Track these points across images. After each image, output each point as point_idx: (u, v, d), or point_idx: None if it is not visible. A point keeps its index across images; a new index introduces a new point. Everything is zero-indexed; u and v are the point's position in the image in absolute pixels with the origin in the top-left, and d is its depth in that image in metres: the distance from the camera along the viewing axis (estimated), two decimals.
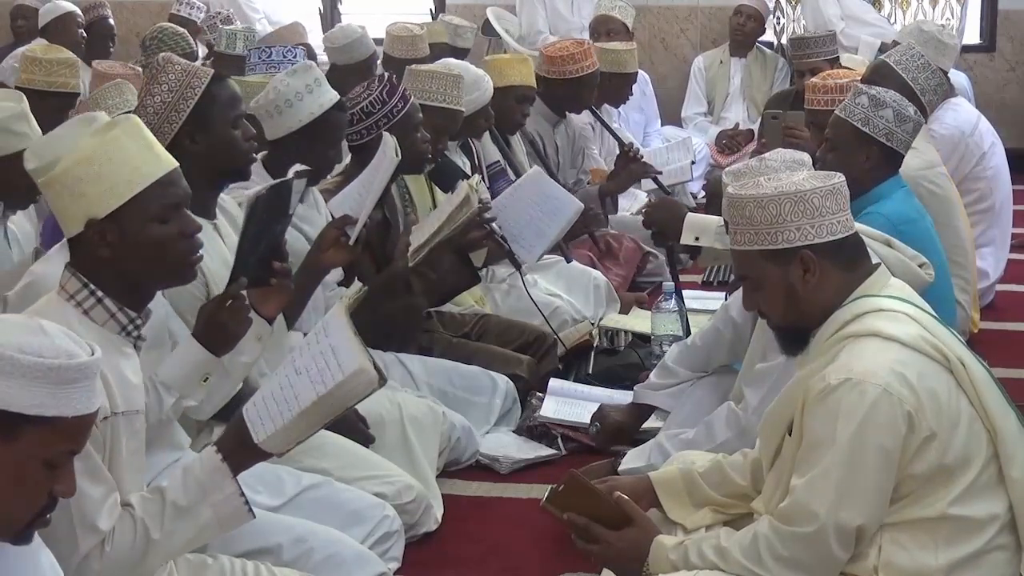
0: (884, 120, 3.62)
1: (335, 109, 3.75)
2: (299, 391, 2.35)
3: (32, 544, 1.97)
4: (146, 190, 2.44)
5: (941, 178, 4.36)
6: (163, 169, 2.49)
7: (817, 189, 2.47)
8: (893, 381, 2.37)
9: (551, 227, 4.41)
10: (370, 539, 3.09)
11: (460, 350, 4.28)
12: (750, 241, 2.50)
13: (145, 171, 2.46)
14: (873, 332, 2.43)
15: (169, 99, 3.15)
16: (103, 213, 2.41)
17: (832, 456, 2.38)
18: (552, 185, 4.56)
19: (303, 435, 2.40)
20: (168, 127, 3.12)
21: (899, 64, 4.33)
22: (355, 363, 2.30)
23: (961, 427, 2.41)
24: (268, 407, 2.40)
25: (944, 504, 2.41)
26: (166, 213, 2.47)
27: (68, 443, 1.90)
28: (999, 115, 7.61)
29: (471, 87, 4.89)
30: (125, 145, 2.45)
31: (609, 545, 2.67)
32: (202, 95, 3.16)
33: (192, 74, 3.19)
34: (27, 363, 1.83)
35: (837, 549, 2.40)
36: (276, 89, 3.71)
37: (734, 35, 8.22)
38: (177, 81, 3.16)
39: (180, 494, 2.42)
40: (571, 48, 5.86)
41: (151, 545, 2.39)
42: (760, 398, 3.26)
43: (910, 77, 4.29)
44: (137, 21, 9.39)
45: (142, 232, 2.44)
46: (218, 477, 2.42)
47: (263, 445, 2.39)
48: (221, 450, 2.44)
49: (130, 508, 2.40)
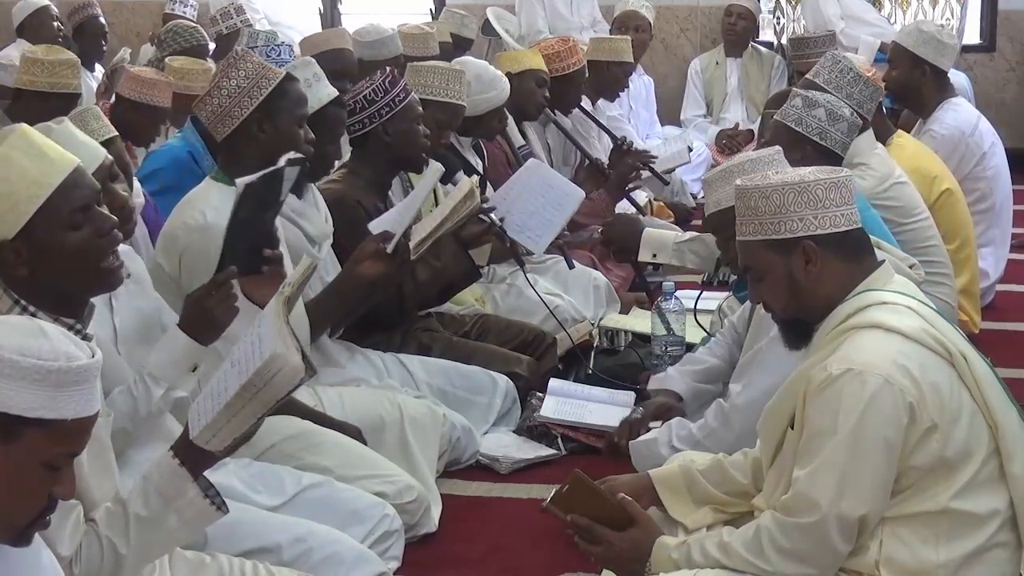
0: (816, 119, 3.76)
1: (333, 104, 3.75)
2: (228, 383, 2.27)
3: (32, 544, 1.96)
4: (49, 200, 2.37)
5: (893, 189, 4.31)
6: (63, 173, 2.41)
7: (821, 180, 2.49)
8: (895, 372, 2.37)
9: (556, 217, 4.42)
10: (370, 538, 3.08)
11: (460, 350, 4.28)
12: (754, 231, 2.52)
13: (44, 181, 2.38)
14: (875, 324, 2.44)
15: (245, 85, 3.33)
16: (11, 233, 2.36)
17: (833, 447, 2.38)
18: (553, 175, 4.57)
19: (237, 431, 2.31)
20: (239, 111, 3.31)
21: (829, 84, 4.26)
22: (271, 348, 2.19)
23: (962, 420, 2.42)
24: (204, 403, 2.33)
25: (945, 498, 2.41)
26: (76, 218, 2.41)
27: (68, 445, 1.90)
28: (999, 115, 7.61)
29: (488, 85, 4.93)
30: (16, 160, 2.38)
31: (611, 545, 2.67)
32: (275, 88, 3.34)
33: (267, 68, 3.38)
34: (27, 365, 1.82)
35: (839, 540, 2.40)
36: None
37: (726, 35, 8.26)
38: (253, 71, 3.34)
39: (141, 505, 2.36)
40: (557, 46, 5.89)
41: (120, 560, 2.35)
42: (741, 385, 3.28)
43: (844, 95, 4.24)
44: (137, 21, 9.39)
45: (55, 243, 2.38)
46: (178, 482, 2.37)
47: (196, 441, 2.32)
48: (177, 454, 2.38)
49: (94, 525, 2.35)
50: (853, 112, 3.78)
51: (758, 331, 3.37)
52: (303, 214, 3.69)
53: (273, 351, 2.19)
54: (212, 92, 3.35)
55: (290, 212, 3.62)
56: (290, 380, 2.22)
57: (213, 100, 3.35)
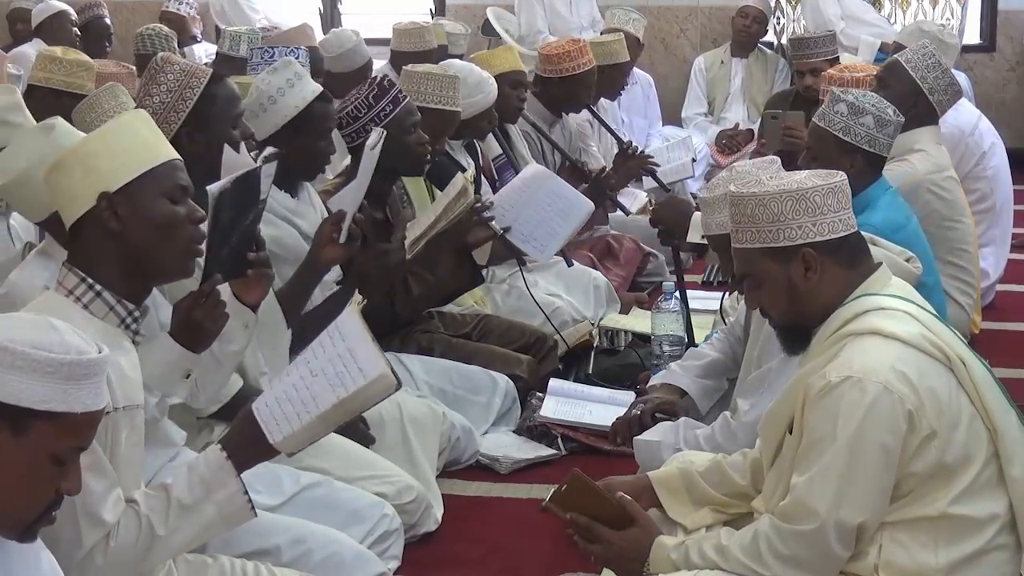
0: (864, 127, 3.63)
1: (318, 100, 3.69)
2: (317, 393, 2.35)
3: (34, 544, 1.97)
4: (159, 167, 2.46)
5: (948, 182, 4.36)
6: (174, 155, 2.52)
7: (819, 187, 2.47)
8: (894, 379, 2.37)
9: (563, 227, 4.41)
10: (369, 538, 3.08)
11: (460, 350, 4.28)
12: (752, 239, 2.50)
13: (157, 150, 2.49)
14: (874, 330, 2.43)
15: (168, 99, 3.19)
16: (117, 185, 2.42)
17: (832, 454, 2.38)
18: (562, 185, 4.56)
19: (318, 437, 2.41)
20: (167, 127, 3.12)
21: (910, 63, 4.37)
22: (377, 368, 2.31)
23: (961, 426, 2.41)
24: (283, 408, 2.39)
25: (944, 503, 2.40)
26: (177, 193, 2.48)
27: (76, 439, 1.91)
28: (999, 115, 7.61)
29: (475, 89, 4.89)
30: (137, 127, 2.49)
31: (610, 545, 2.67)
32: (201, 95, 3.20)
33: (191, 74, 3.22)
34: (38, 359, 1.84)
35: (837, 547, 2.40)
36: (258, 88, 3.67)
37: (738, 36, 8.21)
38: (176, 81, 3.20)
39: (185, 491, 2.41)
40: (567, 46, 5.87)
41: (156, 541, 2.38)
42: (750, 404, 3.26)
43: (919, 76, 4.32)
44: (137, 21, 9.37)
45: (153, 206, 2.44)
46: (222, 475, 2.41)
47: (279, 446, 2.39)
48: (226, 448, 2.43)
49: (134, 504, 2.39)
50: (896, 111, 3.72)
51: (768, 346, 3.33)
52: (299, 213, 3.67)
53: (381, 371, 2.31)
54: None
55: (285, 211, 3.61)
56: (383, 395, 2.35)
57: None
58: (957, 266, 4.48)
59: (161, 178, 2.46)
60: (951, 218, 4.28)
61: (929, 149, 4.21)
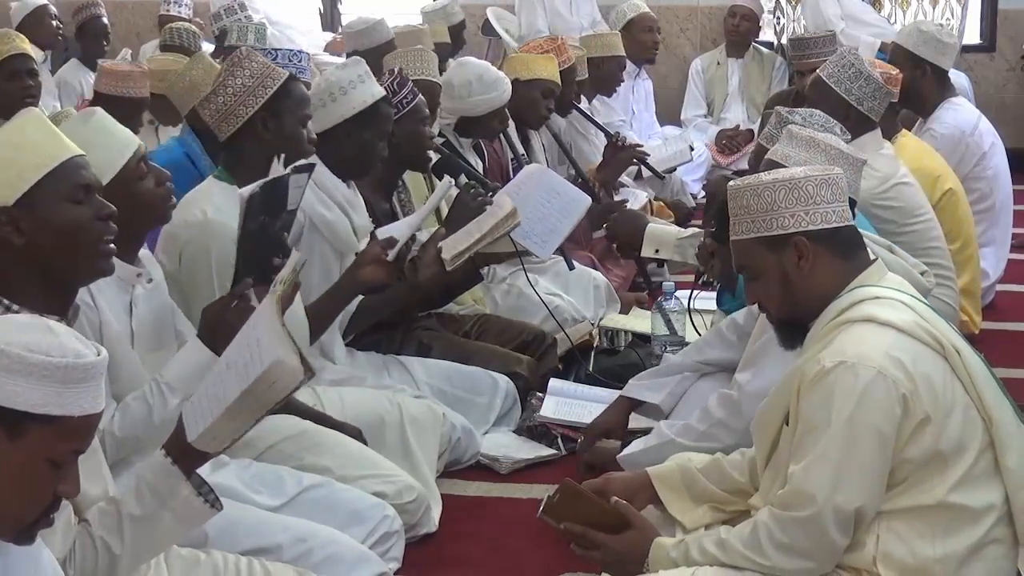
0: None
1: (384, 102, 3.83)
2: (227, 386, 2.27)
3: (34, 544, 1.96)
4: (55, 170, 2.41)
5: (894, 189, 4.30)
6: (71, 152, 2.45)
7: (811, 177, 2.52)
8: (888, 364, 2.38)
9: (563, 223, 4.43)
10: (370, 539, 3.09)
11: (460, 350, 4.28)
12: (747, 229, 2.54)
13: (52, 153, 2.42)
14: (868, 317, 2.45)
15: (249, 83, 3.35)
16: (13, 199, 2.37)
17: (828, 440, 2.39)
18: (560, 181, 4.58)
19: (236, 432, 2.30)
20: (243, 109, 3.33)
21: (832, 78, 4.32)
22: (273, 355, 2.19)
23: (956, 413, 2.43)
24: (200, 404, 2.33)
25: (940, 492, 2.42)
26: (79, 194, 2.43)
27: (73, 442, 1.90)
28: (999, 115, 7.60)
29: (489, 87, 4.94)
30: (29, 133, 2.43)
31: (609, 549, 2.68)
32: (279, 88, 3.36)
33: (272, 69, 3.41)
34: (35, 362, 1.83)
35: (835, 533, 2.41)
36: (328, 80, 3.80)
37: (729, 36, 8.26)
38: (258, 71, 3.37)
39: (135, 505, 2.35)
40: (545, 45, 5.89)
41: (115, 560, 2.33)
42: (751, 374, 3.27)
43: (843, 89, 4.28)
44: (137, 21, 9.40)
45: (56, 213, 2.39)
46: (172, 481, 2.35)
47: (196, 444, 2.31)
48: (170, 453, 2.36)
49: (87, 525, 2.34)
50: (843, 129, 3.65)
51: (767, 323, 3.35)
52: (354, 205, 3.79)
53: (274, 359, 2.19)
54: (217, 91, 3.37)
55: (343, 201, 3.73)
56: (289, 384, 2.22)
57: (218, 99, 3.37)
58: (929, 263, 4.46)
59: (59, 181, 2.41)
60: (904, 223, 4.27)
61: (873, 160, 4.21)
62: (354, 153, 3.76)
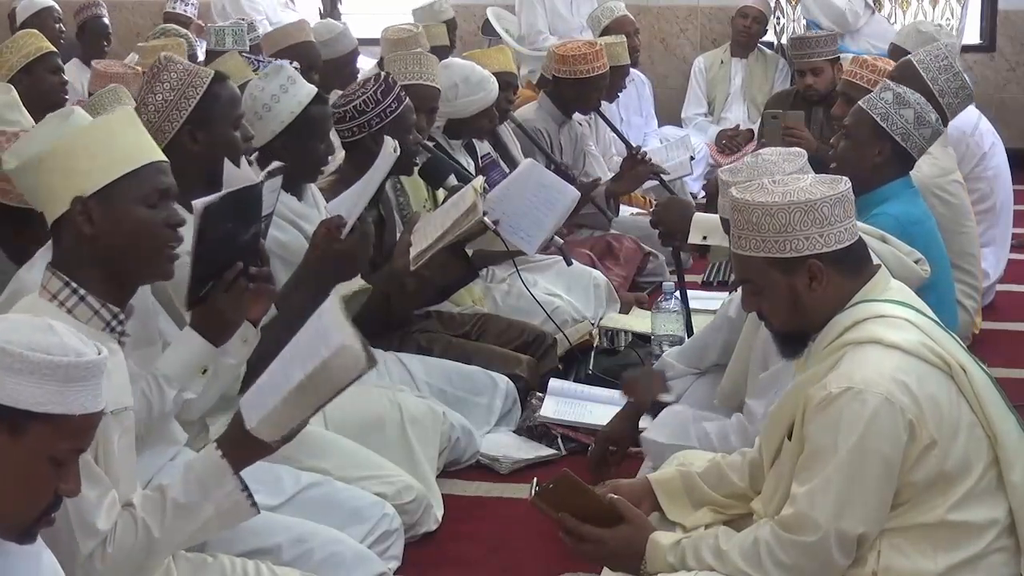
0: (904, 119, 3.66)
1: (314, 103, 3.68)
2: (289, 373, 2.30)
3: (34, 545, 1.97)
4: (138, 171, 2.45)
5: (954, 186, 4.35)
6: (156, 157, 2.50)
7: (827, 198, 2.44)
8: (894, 390, 2.36)
9: (549, 216, 4.38)
10: (369, 538, 3.09)
11: (460, 350, 4.28)
12: (756, 248, 2.47)
13: (138, 154, 2.47)
14: (874, 339, 2.42)
15: (171, 98, 3.17)
16: (92, 189, 2.41)
17: (833, 466, 2.37)
18: (547, 174, 4.53)
19: (295, 420, 2.35)
20: (169, 126, 3.15)
21: (922, 64, 4.35)
22: (339, 340, 2.23)
23: (961, 434, 2.41)
24: (261, 393, 2.37)
25: (943, 510, 2.41)
26: (154, 198, 2.47)
27: (74, 441, 1.91)
28: (999, 115, 7.60)
29: (476, 87, 4.92)
30: (119, 129, 2.48)
31: (603, 543, 2.64)
32: (203, 94, 3.18)
33: (194, 74, 3.21)
34: (36, 360, 1.84)
35: (839, 556, 2.40)
36: (252, 95, 3.65)
37: (738, 36, 8.21)
38: (179, 80, 3.18)
39: (181, 492, 2.41)
40: (583, 48, 5.86)
41: (153, 543, 2.38)
42: (765, 408, 3.24)
43: (930, 78, 4.30)
44: (137, 21, 9.40)
45: (128, 212, 2.44)
46: (219, 474, 2.41)
47: (255, 431, 2.36)
48: (221, 447, 2.43)
49: (131, 508, 2.40)
50: (939, 119, 3.72)
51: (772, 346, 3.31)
52: (304, 216, 3.66)
53: (342, 342, 2.23)
54: (139, 109, 3.13)
55: (291, 215, 3.60)
56: (353, 371, 2.25)
57: (141, 117, 3.08)
58: (963, 270, 4.48)
59: (140, 182, 2.45)
60: (957, 223, 4.28)
61: (935, 153, 4.20)
62: (296, 161, 3.55)
